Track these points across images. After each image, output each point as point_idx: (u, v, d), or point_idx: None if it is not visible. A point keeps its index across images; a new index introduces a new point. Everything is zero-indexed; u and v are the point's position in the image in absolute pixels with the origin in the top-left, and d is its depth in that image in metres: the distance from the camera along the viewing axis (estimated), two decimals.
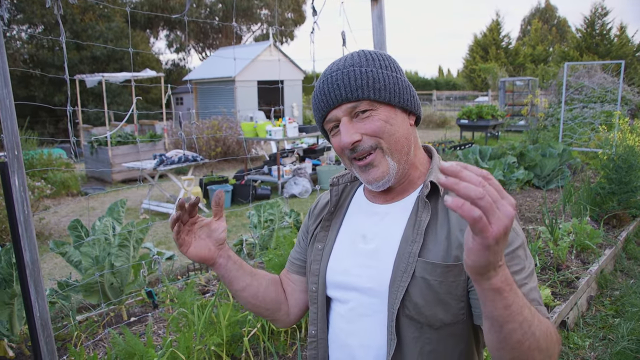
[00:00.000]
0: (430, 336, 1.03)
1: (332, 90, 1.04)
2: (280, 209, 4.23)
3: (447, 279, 1.01)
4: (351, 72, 1.04)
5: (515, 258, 0.98)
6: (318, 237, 1.22)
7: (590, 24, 32.77)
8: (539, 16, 42.88)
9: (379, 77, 1.05)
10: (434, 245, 1.03)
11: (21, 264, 1.82)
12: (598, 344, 3.21)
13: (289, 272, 1.33)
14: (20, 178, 1.77)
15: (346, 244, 1.17)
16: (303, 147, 10.32)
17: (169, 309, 3.16)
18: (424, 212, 1.06)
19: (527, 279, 0.98)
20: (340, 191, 1.25)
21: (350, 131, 1.04)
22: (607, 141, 6.07)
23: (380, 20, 2.67)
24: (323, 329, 1.18)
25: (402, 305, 1.02)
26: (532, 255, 3.58)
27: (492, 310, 0.79)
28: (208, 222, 1.16)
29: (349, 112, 1.05)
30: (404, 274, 1.03)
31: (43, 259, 5.32)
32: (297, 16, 31.88)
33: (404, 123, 1.08)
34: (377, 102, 1.04)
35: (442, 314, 1.02)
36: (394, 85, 1.06)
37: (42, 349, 1.87)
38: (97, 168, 10.14)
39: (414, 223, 1.06)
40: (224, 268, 1.19)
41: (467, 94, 32.85)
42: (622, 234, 4.83)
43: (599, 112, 10.47)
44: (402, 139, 1.07)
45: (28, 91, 19.41)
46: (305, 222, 1.32)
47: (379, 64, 1.06)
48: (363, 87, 1.03)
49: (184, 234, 1.13)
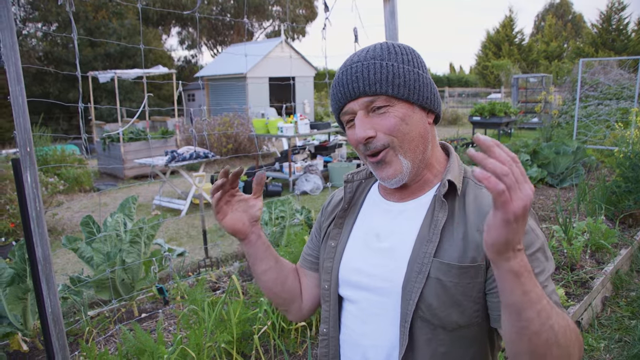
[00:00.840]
0: (444, 338, 1.01)
1: (351, 82, 1.02)
2: (292, 206, 4.22)
3: (463, 281, 0.98)
4: (371, 65, 1.01)
5: (534, 260, 0.95)
6: (331, 234, 1.20)
7: (606, 19, 32.31)
8: (554, 12, 42.40)
9: (400, 72, 1.01)
10: (450, 245, 1.00)
11: (33, 259, 1.83)
12: (614, 346, 3.16)
13: (303, 267, 1.32)
14: (33, 174, 1.77)
15: (359, 242, 1.15)
16: (314, 144, 10.30)
17: (179, 306, 3.17)
18: (440, 212, 1.03)
19: (547, 281, 0.96)
20: (355, 188, 1.22)
21: (365, 126, 1.02)
22: (623, 139, 5.97)
23: (392, 16, 2.64)
24: (335, 328, 1.17)
25: (416, 306, 1.00)
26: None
27: (510, 297, 0.79)
28: (246, 198, 1.18)
29: (366, 106, 1.02)
30: (418, 275, 1.00)
31: (56, 254, 5.37)
32: (308, 12, 31.86)
33: (421, 121, 1.05)
34: (394, 99, 1.01)
35: (456, 316, 0.99)
36: (415, 82, 1.03)
37: (54, 344, 1.88)
38: (109, 164, 10.22)
39: (430, 222, 1.04)
40: (254, 245, 1.20)
41: (480, 91, 32.58)
42: (639, 234, 4.75)
43: (615, 109, 10.31)
44: (417, 138, 1.04)
45: (43, 88, 19.63)
46: (319, 219, 1.31)
47: (401, 58, 1.03)
48: (382, 81, 1.00)
49: (223, 203, 1.15)
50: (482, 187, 1.06)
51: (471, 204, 1.04)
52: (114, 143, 10.30)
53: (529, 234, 0.97)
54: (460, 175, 1.09)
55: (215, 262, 4.34)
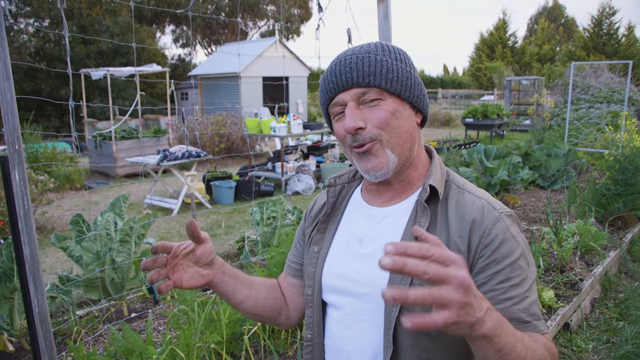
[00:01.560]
0: (427, 343, 1.01)
1: (344, 72, 1.02)
2: (283, 206, 4.21)
3: None
4: (365, 58, 1.02)
5: (516, 269, 0.96)
6: (314, 239, 1.19)
7: (597, 24, 32.58)
8: (547, 15, 42.67)
9: (393, 67, 1.02)
10: None
11: (21, 258, 1.81)
12: (602, 347, 3.19)
13: (288, 275, 1.31)
14: (21, 173, 1.76)
15: (342, 248, 1.14)
16: (307, 144, 10.30)
17: (169, 306, 3.16)
18: (422, 217, 1.03)
19: (529, 291, 0.97)
20: (338, 192, 1.21)
21: (355, 117, 1.01)
22: (614, 142, 6.02)
23: (386, 17, 2.64)
24: (319, 333, 1.16)
25: (399, 312, 1.00)
26: (535, 257, 3.54)
27: (483, 355, 0.79)
28: (192, 249, 1.09)
29: (357, 98, 1.02)
30: (401, 281, 1.00)
31: (45, 253, 5.33)
32: (303, 12, 31.84)
33: (410, 119, 1.06)
34: (387, 92, 1.02)
35: None
36: (407, 79, 1.03)
37: (41, 344, 1.86)
38: (100, 162, 10.16)
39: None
40: (220, 285, 1.14)
41: (473, 93, 32.72)
42: (628, 236, 4.79)
43: (606, 113, 10.40)
44: (406, 134, 1.04)
45: (34, 85, 19.48)
46: (302, 225, 1.30)
47: (394, 55, 1.04)
48: (376, 74, 1.00)
49: (170, 274, 1.06)
50: (464, 192, 1.07)
51: (453, 209, 1.04)
52: (106, 141, 10.24)
53: (510, 241, 0.98)
54: (443, 178, 1.09)
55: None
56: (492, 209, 1.02)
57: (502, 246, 0.97)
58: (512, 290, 0.95)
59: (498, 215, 1.01)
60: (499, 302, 0.96)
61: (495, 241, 0.97)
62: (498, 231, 0.98)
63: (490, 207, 1.02)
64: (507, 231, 0.99)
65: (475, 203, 1.03)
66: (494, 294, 0.96)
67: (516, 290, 0.96)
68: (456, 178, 1.11)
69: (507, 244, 0.97)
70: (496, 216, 1.00)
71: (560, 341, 3.17)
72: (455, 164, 6.74)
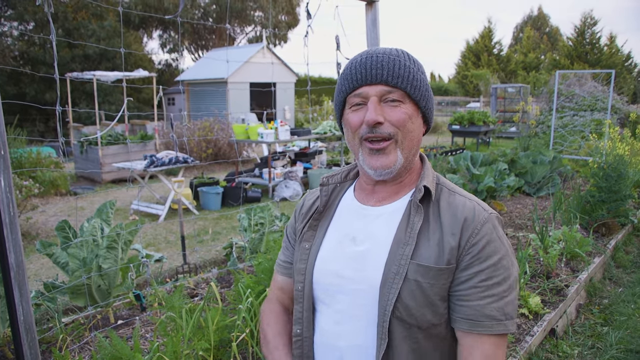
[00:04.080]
0: (418, 336, 1.06)
1: (375, 67, 1.07)
2: (271, 213, 4.20)
3: (439, 282, 1.05)
4: (396, 60, 1.08)
5: (499, 269, 1.03)
6: (305, 236, 1.23)
7: (580, 33, 33.11)
8: (532, 24, 43.26)
9: (417, 76, 1.09)
10: (426, 249, 1.06)
11: (5, 266, 1.78)
12: (587, 352, 3.22)
13: (278, 274, 1.33)
14: (7, 178, 1.73)
15: (335, 245, 1.17)
16: (295, 151, 10.30)
17: (157, 313, 3.13)
18: (416, 216, 1.09)
19: (507, 291, 1.03)
20: (330, 191, 1.26)
21: (377, 111, 1.06)
22: (597, 149, 6.11)
23: (374, 24, 2.67)
24: (309, 328, 1.19)
25: (393, 307, 1.05)
26: (522, 264, 3.57)
27: None
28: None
29: (381, 95, 1.07)
30: (395, 276, 1.05)
31: (30, 260, 5.25)
32: (290, 19, 31.88)
33: (420, 128, 1.14)
34: (408, 97, 1.08)
35: (430, 315, 1.05)
36: (426, 90, 1.11)
37: (26, 353, 1.83)
38: (86, 168, 10.04)
39: (406, 226, 1.09)
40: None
41: (459, 100, 33.02)
42: (611, 242, 4.86)
43: (589, 121, 10.57)
44: (415, 139, 1.12)
45: (18, 88, 19.22)
46: (292, 224, 1.33)
47: (417, 66, 1.11)
48: (404, 77, 1.07)
49: None
50: (455, 194, 1.13)
51: (445, 209, 1.10)
52: (92, 146, 10.13)
53: (495, 242, 1.05)
54: (434, 182, 1.15)
55: (194, 268, 4.29)
56: (482, 210, 1.09)
57: (487, 246, 1.04)
58: (492, 288, 1.02)
59: (488, 216, 1.07)
60: (478, 299, 1.02)
61: (482, 241, 1.04)
62: (486, 231, 1.05)
63: (481, 208, 1.09)
64: (493, 232, 1.05)
65: (467, 204, 1.10)
66: (474, 291, 1.03)
67: (496, 289, 1.02)
68: (446, 182, 1.18)
69: (493, 245, 1.04)
70: (486, 217, 1.07)
71: (546, 347, 3.20)
72: (442, 170, 6.79)
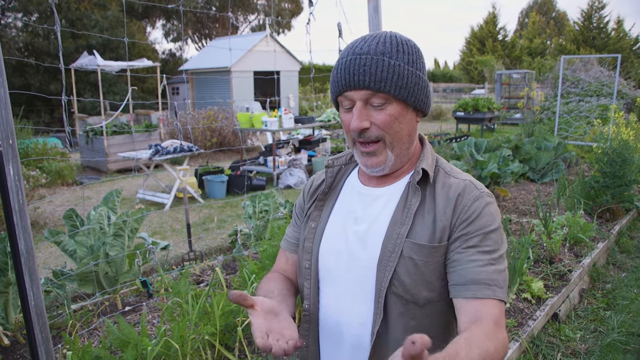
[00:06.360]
0: (415, 312, 1.10)
1: (358, 73, 1.06)
2: (275, 200, 4.24)
3: (432, 259, 1.08)
4: (380, 61, 1.05)
5: (488, 239, 1.06)
6: (312, 216, 1.27)
7: (587, 17, 32.69)
8: (537, 9, 42.75)
9: (404, 73, 1.06)
10: (421, 228, 1.09)
11: (16, 253, 1.82)
12: (589, 336, 3.25)
13: (287, 251, 1.35)
14: (15, 167, 1.77)
15: (338, 225, 1.21)
16: (299, 138, 10.30)
17: (163, 299, 3.18)
18: (414, 197, 1.12)
19: (496, 261, 1.05)
20: (335, 173, 1.29)
21: (362, 117, 1.08)
22: (602, 135, 6.09)
23: (376, 11, 2.67)
24: (315, 304, 1.23)
25: (390, 283, 1.08)
26: (525, 249, 3.58)
27: None
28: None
29: (366, 99, 1.08)
30: (392, 254, 1.09)
31: (38, 248, 5.32)
32: (293, 7, 31.67)
33: (412, 121, 1.13)
34: (393, 98, 1.07)
35: (426, 292, 1.08)
36: (415, 85, 1.09)
37: (37, 337, 1.88)
38: (92, 158, 10.10)
39: (403, 206, 1.13)
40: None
41: (464, 87, 32.80)
42: (615, 228, 4.86)
43: (595, 106, 10.48)
44: (406, 136, 1.13)
45: (23, 79, 19.26)
46: (300, 202, 1.36)
47: (407, 58, 1.08)
48: (387, 80, 1.05)
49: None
50: (450, 176, 1.15)
51: (440, 190, 1.13)
52: (97, 136, 10.18)
53: (486, 216, 1.07)
54: (433, 164, 1.17)
55: (199, 256, 4.34)
56: (474, 188, 1.11)
57: (477, 220, 1.06)
58: (479, 255, 1.04)
59: (479, 193, 1.10)
60: (464, 263, 1.04)
61: (472, 215, 1.07)
62: (476, 207, 1.08)
63: (473, 186, 1.12)
64: (485, 208, 1.08)
65: (460, 184, 1.12)
66: (461, 256, 1.05)
67: (483, 256, 1.04)
68: (444, 164, 1.20)
69: (483, 219, 1.07)
70: (477, 194, 1.10)
71: (549, 331, 3.23)
72: (446, 157, 6.78)
